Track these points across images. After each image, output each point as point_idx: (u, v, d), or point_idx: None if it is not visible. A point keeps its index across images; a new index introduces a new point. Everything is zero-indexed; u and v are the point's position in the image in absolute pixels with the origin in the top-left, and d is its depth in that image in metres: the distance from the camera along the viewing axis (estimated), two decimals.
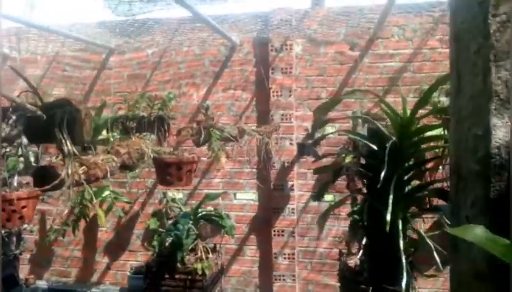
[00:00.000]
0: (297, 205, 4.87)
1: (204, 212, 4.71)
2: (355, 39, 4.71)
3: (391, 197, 1.56)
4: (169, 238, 4.44)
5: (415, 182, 1.83)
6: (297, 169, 4.87)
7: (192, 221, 4.47)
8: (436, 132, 1.93)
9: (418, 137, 1.74)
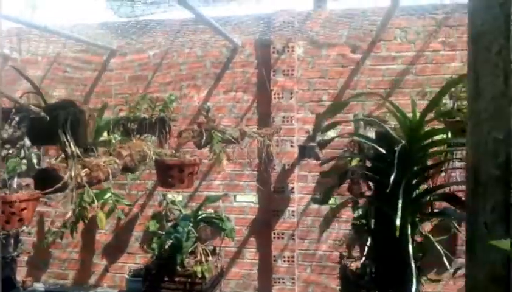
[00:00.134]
0: (297, 207, 4.85)
1: (204, 214, 4.68)
2: (357, 42, 4.69)
3: (400, 201, 1.54)
4: (169, 241, 4.41)
5: (423, 186, 1.81)
6: (297, 171, 4.85)
7: (192, 224, 4.44)
8: (443, 136, 1.92)
9: (427, 141, 1.73)
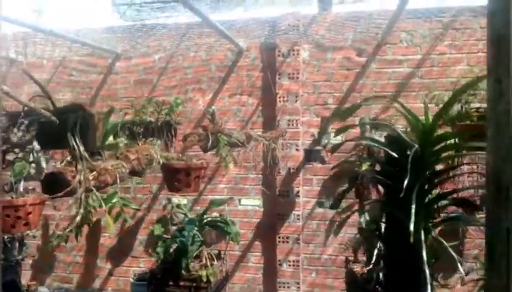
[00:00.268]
0: (302, 211, 4.83)
1: (210, 218, 4.67)
2: (363, 45, 4.68)
3: (413, 206, 1.52)
4: (174, 245, 4.40)
5: (435, 191, 1.80)
6: (302, 175, 4.83)
7: (197, 228, 4.43)
8: (454, 140, 1.91)
9: (440, 145, 1.72)
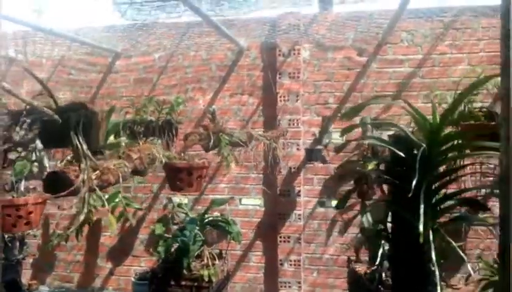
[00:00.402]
0: (303, 211, 4.82)
1: (211, 218, 4.66)
2: (363, 45, 4.67)
3: (422, 206, 1.51)
4: (176, 244, 4.39)
5: (441, 191, 1.79)
6: (303, 175, 4.82)
7: (199, 227, 4.42)
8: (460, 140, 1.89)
9: (447, 145, 1.70)
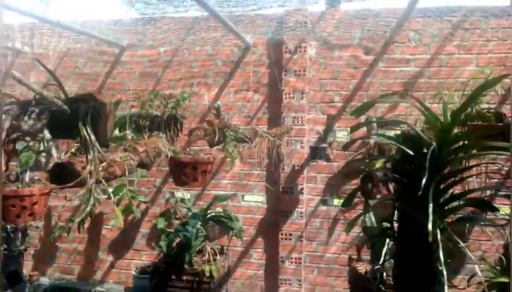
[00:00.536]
0: (305, 209, 4.82)
1: (213, 213, 4.66)
2: (370, 44, 4.65)
3: (431, 206, 1.51)
4: (178, 239, 4.40)
5: (450, 191, 1.79)
6: (306, 172, 4.82)
7: (201, 222, 4.42)
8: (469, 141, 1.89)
9: (457, 145, 1.70)
